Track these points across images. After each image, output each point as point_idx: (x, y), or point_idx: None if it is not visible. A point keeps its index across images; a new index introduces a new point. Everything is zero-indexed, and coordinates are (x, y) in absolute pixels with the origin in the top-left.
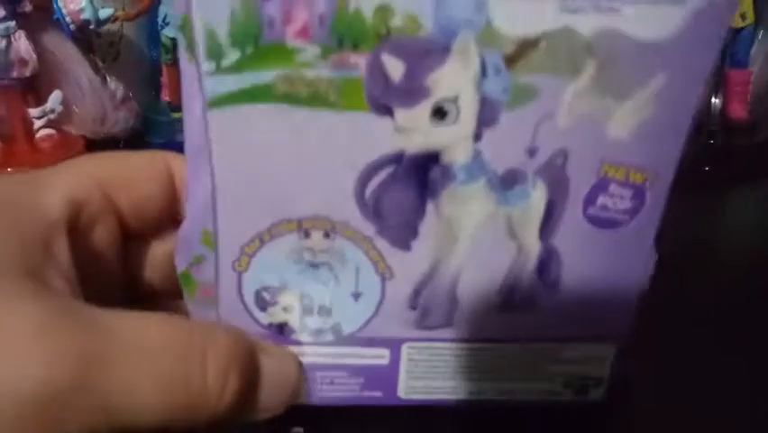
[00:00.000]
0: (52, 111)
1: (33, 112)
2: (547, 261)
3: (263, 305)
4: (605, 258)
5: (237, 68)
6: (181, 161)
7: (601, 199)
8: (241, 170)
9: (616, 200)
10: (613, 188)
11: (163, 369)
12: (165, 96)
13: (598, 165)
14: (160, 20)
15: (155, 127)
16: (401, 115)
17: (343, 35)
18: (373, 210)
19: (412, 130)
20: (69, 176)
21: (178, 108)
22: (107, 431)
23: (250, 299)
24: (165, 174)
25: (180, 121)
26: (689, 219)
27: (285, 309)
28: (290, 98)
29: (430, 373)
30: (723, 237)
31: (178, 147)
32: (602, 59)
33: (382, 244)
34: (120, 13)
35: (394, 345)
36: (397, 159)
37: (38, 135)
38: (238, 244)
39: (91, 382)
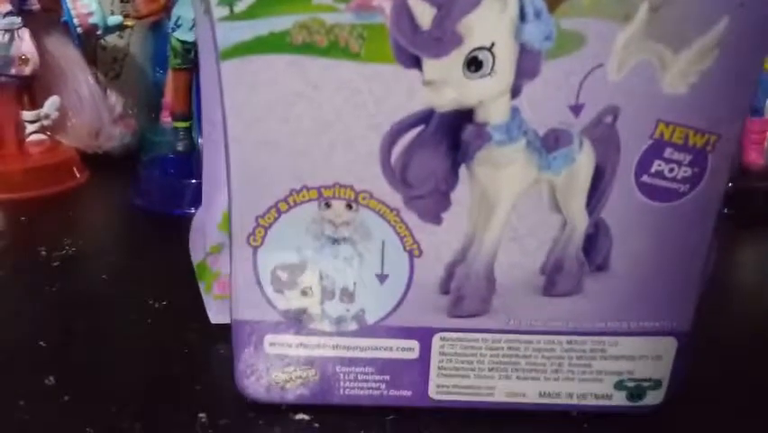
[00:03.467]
0: (47, 117)
1: (27, 115)
2: (595, 237)
3: (280, 286)
4: (661, 235)
5: (251, 13)
6: None
7: (656, 165)
8: (255, 130)
9: (673, 167)
10: (669, 152)
11: None
12: (165, 117)
13: (653, 125)
14: (172, 22)
15: (150, 146)
16: (430, 66)
17: None
18: (400, 177)
19: (442, 83)
20: None
21: (183, 117)
22: None
23: (266, 279)
24: None
25: (179, 130)
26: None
27: (304, 293)
28: (308, 49)
29: (463, 370)
30: (741, 276)
31: (167, 161)
32: None
33: (410, 217)
34: (130, 10)
35: (424, 335)
36: (426, 117)
37: (28, 140)
38: (253, 215)
39: None
